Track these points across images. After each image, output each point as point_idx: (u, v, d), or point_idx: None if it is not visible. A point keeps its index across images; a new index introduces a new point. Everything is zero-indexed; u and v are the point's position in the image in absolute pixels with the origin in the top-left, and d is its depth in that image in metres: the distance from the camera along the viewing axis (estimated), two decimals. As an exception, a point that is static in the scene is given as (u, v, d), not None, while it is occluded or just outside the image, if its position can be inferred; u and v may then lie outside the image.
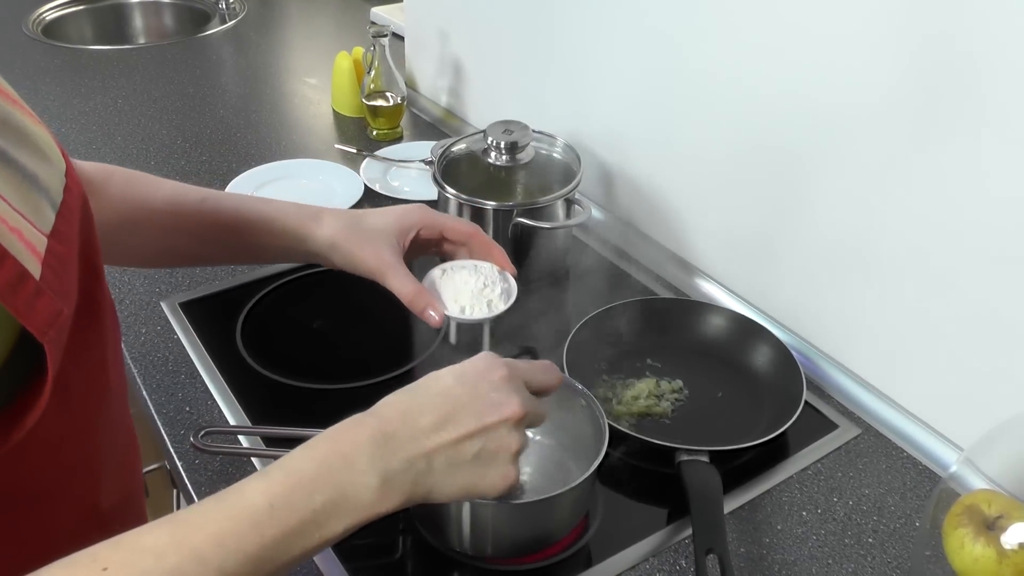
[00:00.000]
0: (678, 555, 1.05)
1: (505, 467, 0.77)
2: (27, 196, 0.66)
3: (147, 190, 1.08)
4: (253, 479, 0.69)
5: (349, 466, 0.70)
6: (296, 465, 0.70)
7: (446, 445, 0.74)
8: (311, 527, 0.67)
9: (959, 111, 1.04)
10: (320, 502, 0.68)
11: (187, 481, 1.13)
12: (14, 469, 0.67)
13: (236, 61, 2.46)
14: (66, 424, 0.74)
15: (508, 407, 0.77)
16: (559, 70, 1.68)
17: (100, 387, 0.84)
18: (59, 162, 0.73)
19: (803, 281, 1.33)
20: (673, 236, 1.55)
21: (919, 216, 1.12)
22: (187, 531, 0.64)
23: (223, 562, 0.63)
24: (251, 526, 0.65)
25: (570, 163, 1.50)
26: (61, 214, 0.70)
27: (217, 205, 1.09)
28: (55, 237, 0.67)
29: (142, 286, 1.48)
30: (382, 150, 1.91)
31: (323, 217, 1.09)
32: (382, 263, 1.04)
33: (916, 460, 1.18)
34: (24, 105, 0.72)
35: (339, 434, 0.73)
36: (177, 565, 0.61)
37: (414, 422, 0.74)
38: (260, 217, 1.09)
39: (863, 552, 1.06)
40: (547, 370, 0.86)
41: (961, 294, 1.11)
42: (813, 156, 1.24)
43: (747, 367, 1.31)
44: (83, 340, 0.76)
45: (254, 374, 1.30)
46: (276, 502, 0.67)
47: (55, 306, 0.63)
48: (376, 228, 1.07)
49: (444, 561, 1.04)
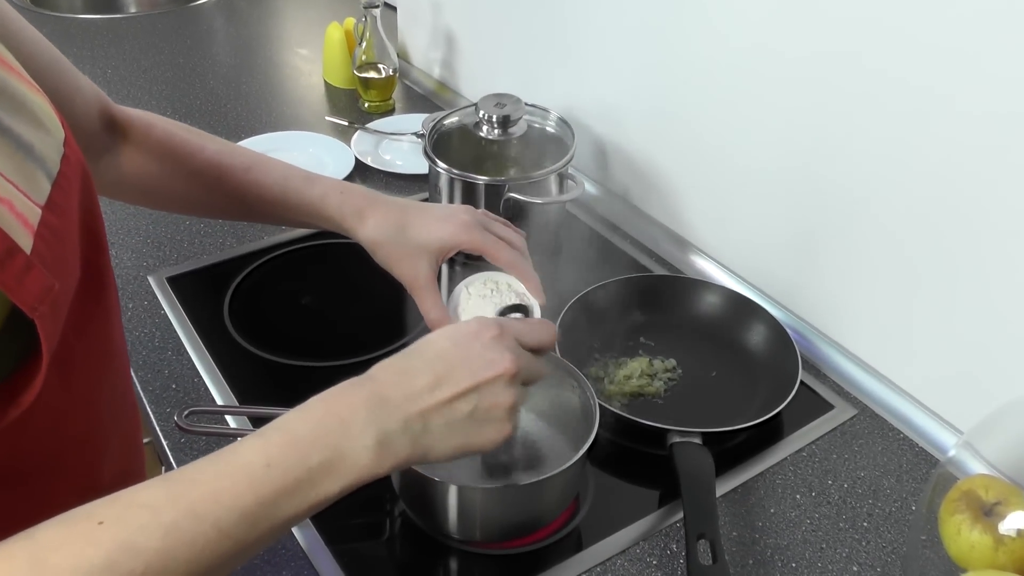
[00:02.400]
0: (669, 539, 1.04)
1: (500, 423, 0.78)
2: (21, 166, 0.64)
3: (189, 147, 1.07)
4: (249, 439, 0.68)
5: (345, 427, 0.70)
6: (292, 426, 0.70)
7: (441, 404, 0.75)
8: (307, 486, 0.67)
9: (963, 81, 1.02)
10: (316, 462, 0.68)
11: (172, 461, 1.12)
12: (15, 443, 0.66)
13: (227, 31, 2.43)
14: (68, 397, 0.74)
15: (501, 363, 0.77)
16: (554, 42, 1.65)
17: (104, 359, 0.83)
18: (57, 131, 0.72)
19: (799, 258, 1.31)
20: (668, 212, 1.53)
21: (918, 192, 1.11)
22: (183, 488, 0.64)
23: (219, 519, 0.63)
24: (247, 484, 0.65)
25: (563, 137, 1.48)
26: (58, 184, 0.69)
27: (262, 178, 1.08)
28: (50, 208, 0.66)
29: (129, 260, 1.46)
30: (374, 123, 1.88)
31: (367, 217, 1.06)
32: (416, 282, 1.04)
33: (913, 442, 1.17)
34: (22, 72, 0.71)
35: (335, 396, 0.74)
36: (173, 521, 0.61)
37: (409, 383, 0.75)
38: (303, 201, 1.08)
39: (857, 536, 1.05)
40: (541, 327, 0.85)
41: (962, 272, 1.09)
42: (810, 134, 1.22)
43: (742, 346, 1.29)
44: (87, 312, 0.75)
45: (242, 351, 1.29)
46: (272, 461, 0.66)
47: (45, 281, 0.62)
48: (418, 243, 1.05)
49: (432, 545, 1.03)
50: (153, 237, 1.52)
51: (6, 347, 0.63)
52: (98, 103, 1.03)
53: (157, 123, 1.08)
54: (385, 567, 1.03)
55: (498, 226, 1.07)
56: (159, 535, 0.60)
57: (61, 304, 0.67)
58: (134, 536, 0.59)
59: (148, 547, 0.59)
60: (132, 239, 1.52)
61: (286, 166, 1.10)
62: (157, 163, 1.06)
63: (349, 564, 1.00)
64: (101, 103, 1.03)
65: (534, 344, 0.83)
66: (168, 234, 1.53)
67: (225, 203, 1.10)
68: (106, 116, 1.04)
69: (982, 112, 1.01)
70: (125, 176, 1.06)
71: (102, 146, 1.04)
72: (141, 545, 0.59)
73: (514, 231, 1.08)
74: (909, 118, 1.09)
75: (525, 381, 0.82)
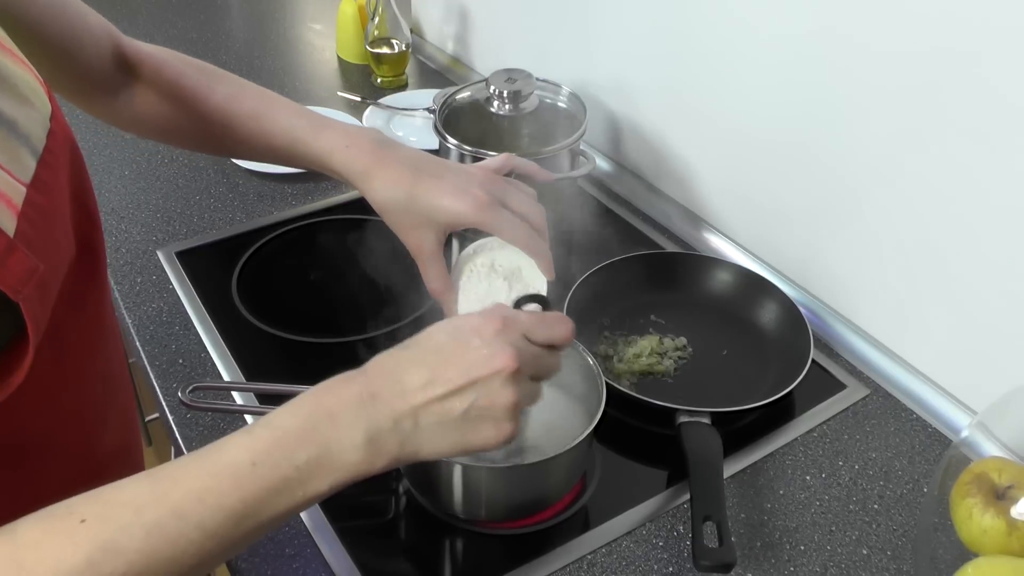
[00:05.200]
0: (676, 520, 1.02)
1: (499, 422, 0.73)
2: (4, 143, 0.63)
3: (198, 91, 1.03)
4: (237, 435, 0.67)
5: (334, 424, 0.68)
6: (280, 422, 0.68)
7: (432, 402, 0.71)
8: (294, 484, 0.65)
9: (979, 63, 1.00)
10: (303, 459, 0.66)
11: (178, 436, 1.11)
12: (9, 420, 0.65)
13: (240, 6, 2.42)
14: (62, 373, 0.74)
15: (499, 359, 0.72)
16: (567, 17, 1.63)
17: (97, 333, 0.83)
18: (43, 105, 0.71)
19: (812, 235, 1.29)
20: (681, 188, 1.51)
21: (933, 168, 1.09)
22: (167, 487, 0.62)
23: (202, 519, 0.61)
24: (232, 483, 0.63)
25: (575, 113, 1.46)
26: (44, 161, 0.68)
27: (270, 126, 1.03)
28: (36, 187, 0.65)
29: (138, 234, 1.46)
30: (386, 98, 1.87)
31: (374, 177, 0.98)
32: (421, 252, 0.98)
33: (926, 422, 1.15)
34: (8, 44, 0.69)
35: (325, 391, 0.71)
36: (156, 520, 0.60)
37: (400, 379, 0.71)
38: (310, 152, 1.02)
39: (868, 519, 1.03)
40: (554, 322, 0.79)
41: (977, 249, 1.07)
42: (825, 109, 1.20)
43: (753, 324, 1.27)
44: (80, 288, 0.75)
45: (249, 327, 1.28)
46: (258, 459, 0.65)
47: (28, 263, 0.61)
48: (427, 214, 0.96)
49: (437, 524, 1.02)
50: (163, 211, 1.52)
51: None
52: (110, 41, 1.00)
53: (168, 63, 1.04)
54: (390, 546, 1.02)
55: (515, 198, 0.98)
56: (141, 535, 0.59)
57: (49, 285, 0.66)
58: (116, 536, 0.59)
59: (130, 547, 0.59)
60: (141, 213, 1.51)
61: (294, 112, 1.04)
62: (169, 105, 1.03)
63: (353, 543, 0.99)
64: (113, 40, 1.01)
65: (544, 340, 0.78)
66: (178, 209, 1.53)
67: (237, 148, 1.07)
68: (118, 54, 1.01)
69: (998, 86, 0.99)
70: (140, 115, 1.05)
71: (117, 84, 1.02)
72: (123, 545, 0.59)
73: (532, 203, 0.99)
74: (923, 94, 1.07)
75: (535, 377, 0.77)
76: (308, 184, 1.59)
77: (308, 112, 1.04)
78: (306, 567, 0.97)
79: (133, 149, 1.69)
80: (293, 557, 0.98)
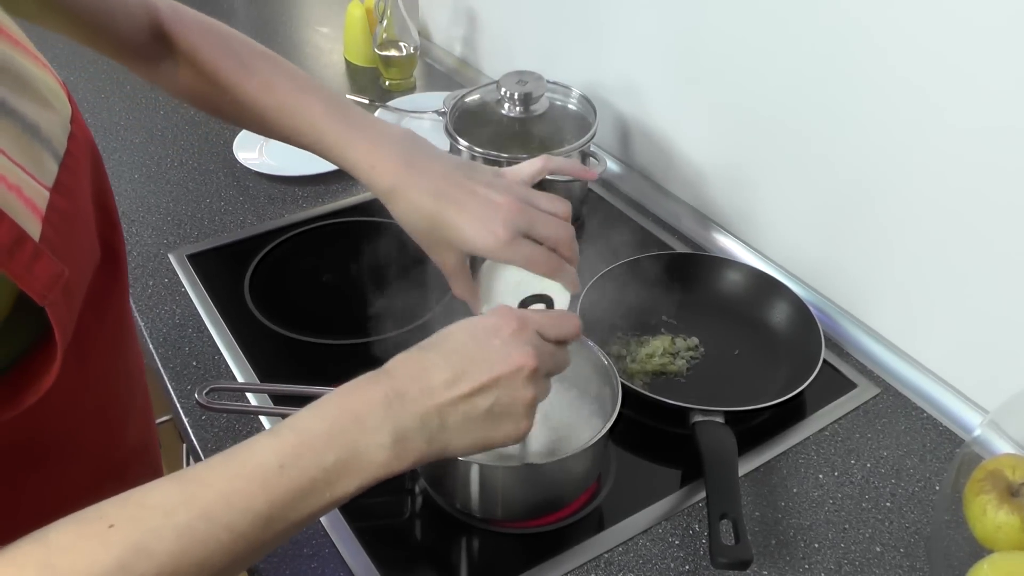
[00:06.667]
0: (691, 519, 1.03)
1: (519, 418, 0.76)
2: (28, 148, 0.64)
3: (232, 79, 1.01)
4: (263, 437, 0.67)
5: (361, 425, 0.69)
6: (306, 424, 0.69)
7: (458, 400, 0.73)
8: (322, 486, 0.66)
9: (985, 64, 1.00)
10: (331, 461, 0.67)
11: (193, 438, 1.12)
12: (34, 423, 0.66)
13: (247, 10, 2.42)
14: (84, 375, 0.74)
15: (519, 358, 0.75)
16: (576, 19, 1.64)
17: (119, 335, 0.83)
18: (63, 108, 0.71)
19: (823, 236, 1.30)
20: (691, 189, 1.52)
21: (943, 167, 1.09)
22: (196, 489, 0.63)
23: (232, 521, 0.62)
24: (261, 485, 0.64)
25: (585, 114, 1.47)
26: (65, 165, 0.68)
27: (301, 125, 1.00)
28: (58, 191, 0.66)
29: (150, 237, 1.46)
30: (394, 101, 1.87)
31: (397, 199, 0.95)
32: (445, 268, 0.98)
33: (937, 421, 1.16)
34: (28, 46, 0.70)
35: (350, 393, 0.72)
36: (186, 523, 0.61)
37: (426, 379, 0.73)
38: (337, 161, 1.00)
39: (880, 516, 1.04)
40: (564, 319, 0.82)
41: (988, 248, 1.07)
42: (834, 109, 1.21)
43: (765, 324, 1.28)
44: (102, 289, 0.76)
45: (262, 328, 1.28)
46: (286, 462, 0.65)
47: (54, 268, 0.61)
48: (449, 242, 0.95)
49: (453, 523, 1.02)
50: (174, 214, 1.52)
51: (17, 330, 0.63)
52: (146, 13, 0.99)
53: (201, 48, 1.01)
54: (406, 545, 1.02)
55: (540, 225, 0.94)
56: (171, 538, 0.60)
57: (75, 289, 0.66)
58: (146, 538, 0.59)
59: (160, 550, 0.59)
60: (152, 216, 1.52)
61: (325, 111, 0.99)
62: (206, 86, 1.02)
63: (370, 542, 0.99)
64: (150, 14, 1.00)
65: (556, 337, 0.81)
66: (189, 211, 1.53)
67: (273, 136, 1.05)
68: (156, 27, 1.00)
69: (1006, 86, 0.99)
70: (182, 89, 1.05)
71: (156, 55, 1.02)
72: (153, 548, 0.59)
73: (558, 224, 0.96)
74: (933, 94, 1.07)
75: (548, 374, 0.80)
76: (319, 187, 1.60)
77: (340, 109, 1.00)
78: (324, 567, 0.98)
79: (143, 152, 1.69)
80: (311, 557, 0.98)
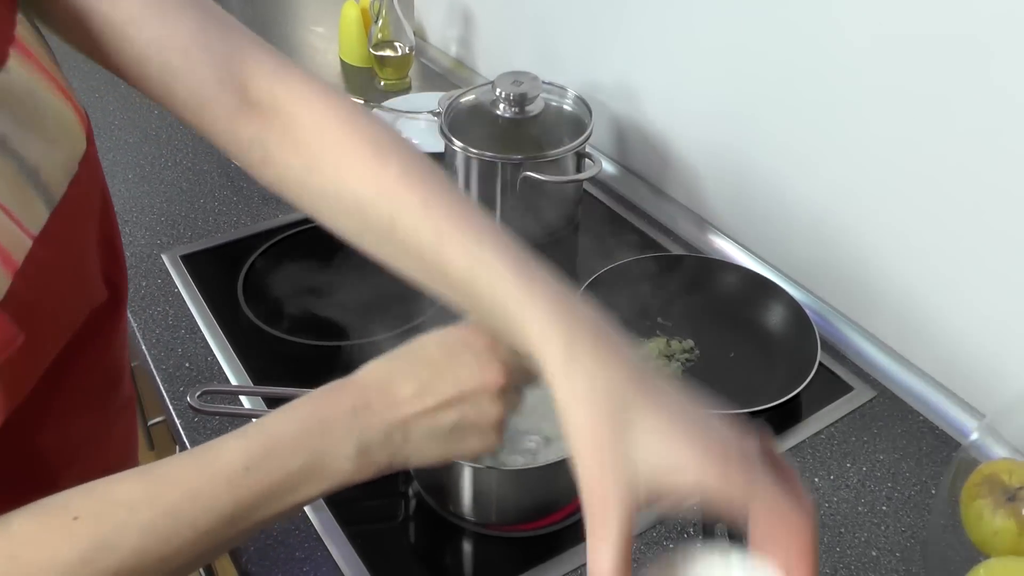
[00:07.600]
0: (686, 522, 1.02)
1: (486, 435, 0.74)
2: (20, 191, 0.62)
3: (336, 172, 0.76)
4: (231, 438, 0.67)
5: (327, 433, 0.68)
6: (275, 428, 0.68)
7: (423, 414, 0.71)
8: (286, 490, 0.66)
9: (986, 64, 1.00)
10: (296, 467, 0.66)
11: (186, 440, 1.11)
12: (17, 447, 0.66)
13: (242, 9, 2.42)
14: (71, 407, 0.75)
15: (488, 375, 0.73)
16: (571, 20, 1.64)
17: (113, 373, 0.83)
18: (73, 146, 0.69)
19: (818, 237, 1.29)
20: (686, 191, 1.51)
21: (938, 169, 1.09)
22: (162, 487, 0.63)
23: (196, 519, 0.62)
24: (226, 486, 0.64)
25: (581, 116, 1.47)
26: (58, 213, 0.65)
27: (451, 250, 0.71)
28: (44, 240, 0.63)
29: (143, 238, 1.46)
30: (390, 101, 1.87)
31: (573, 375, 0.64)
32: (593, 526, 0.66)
33: (933, 425, 1.15)
34: (50, 70, 0.67)
35: (319, 399, 0.71)
36: (150, 520, 0.61)
37: (392, 391, 0.72)
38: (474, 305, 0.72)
39: (876, 520, 1.03)
40: None
41: (984, 250, 1.07)
42: (829, 111, 1.20)
43: (760, 326, 1.27)
44: (98, 326, 0.75)
45: (256, 330, 1.28)
46: (252, 464, 0.65)
47: (8, 332, 0.59)
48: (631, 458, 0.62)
49: (446, 527, 1.02)
50: (167, 215, 1.52)
51: None
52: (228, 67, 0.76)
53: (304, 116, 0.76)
54: (400, 549, 1.02)
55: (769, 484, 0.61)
56: (135, 534, 0.60)
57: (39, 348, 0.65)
58: (110, 534, 0.59)
59: (124, 545, 0.59)
60: (146, 217, 1.51)
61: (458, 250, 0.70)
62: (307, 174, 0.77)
63: (363, 546, 0.99)
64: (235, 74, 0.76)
65: None
66: (182, 212, 1.53)
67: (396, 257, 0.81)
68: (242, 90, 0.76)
69: (1006, 87, 0.99)
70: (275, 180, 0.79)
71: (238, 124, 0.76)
72: (117, 543, 0.59)
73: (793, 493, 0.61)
74: (928, 97, 1.07)
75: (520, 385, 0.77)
76: (313, 187, 1.59)
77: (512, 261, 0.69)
78: (317, 571, 0.97)
79: (137, 152, 1.69)
80: (303, 561, 0.98)
